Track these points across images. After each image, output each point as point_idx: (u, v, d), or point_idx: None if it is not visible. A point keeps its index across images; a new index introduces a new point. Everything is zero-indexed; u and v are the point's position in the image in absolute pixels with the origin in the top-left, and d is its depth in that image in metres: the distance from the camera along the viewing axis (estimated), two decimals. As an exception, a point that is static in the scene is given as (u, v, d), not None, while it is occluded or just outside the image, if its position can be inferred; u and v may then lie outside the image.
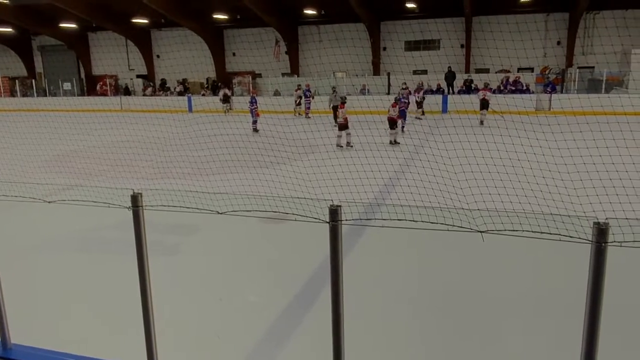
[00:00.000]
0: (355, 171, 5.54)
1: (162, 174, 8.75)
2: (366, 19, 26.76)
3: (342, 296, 2.97)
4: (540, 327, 4.46)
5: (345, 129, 13.84)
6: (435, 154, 5.85)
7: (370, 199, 6.47)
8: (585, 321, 2.53)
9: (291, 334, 4.54)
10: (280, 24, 28.35)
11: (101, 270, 5.91)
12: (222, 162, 7.60)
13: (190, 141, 8.62)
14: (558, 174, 5.59)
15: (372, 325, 4.57)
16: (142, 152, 8.95)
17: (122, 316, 4.71)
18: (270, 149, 7.88)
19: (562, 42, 25.91)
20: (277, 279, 5.57)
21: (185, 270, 5.89)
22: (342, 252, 2.96)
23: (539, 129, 5.45)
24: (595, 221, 2.46)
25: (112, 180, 7.58)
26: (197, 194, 5.23)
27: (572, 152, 5.30)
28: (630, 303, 4.71)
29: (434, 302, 5.02)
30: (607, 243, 2.43)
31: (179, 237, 6.92)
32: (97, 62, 34.94)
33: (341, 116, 13.92)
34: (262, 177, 6.76)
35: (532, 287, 5.25)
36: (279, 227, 7.13)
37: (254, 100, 18.52)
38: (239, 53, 31.29)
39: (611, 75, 22.86)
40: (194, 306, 4.99)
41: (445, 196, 5.36)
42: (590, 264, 2.48)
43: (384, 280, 5.50)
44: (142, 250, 3.38)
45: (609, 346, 2.84)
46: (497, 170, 5.53)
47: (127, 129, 8.46)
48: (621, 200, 4.63)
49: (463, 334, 4.42)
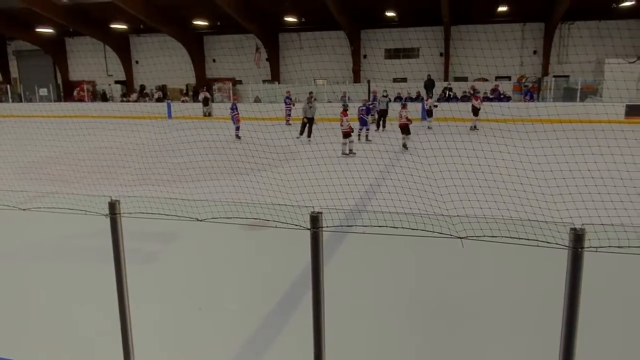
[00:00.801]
0: (337, 178, 5.55)
1: (141, 180, 8.64)
2: (346, 27, 26.92)
3: (324, 303, 2.96)
4: (519, 331, 4.51)
5: (349, 136, 13.77)
6: (416, 161, 5.90)
7: (352, 205, 6.50)
8: (562, 324, 2.57)
9: (272, 341, 4.51)
10: (261, 30, 28.35)
11: (77, 279, 5.79)
12: (202, 168, 7.55)
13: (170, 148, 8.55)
14: (536, 180, 5.67)
15: (353, 331, 4.56)
16: (120, 158, 8.84)
17: (98, 326, 4.62)
18: (251, 155, 7.85)
19: (538, 51, 26.43)
20: (258, 287, 5.53)
21: (164, 279, 5.80)
22: (323, 258, 2.96)
23: (517, 136, 5.53)
24: (572, 227, 2.50)
25: (89, 188, 7.47)
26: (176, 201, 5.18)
27: (549, 159, 5.40)
28: (606, 306, 4.79)
29: (414, 307, 5.03)
30: (583, 248, 2.47)
31: (157, 245, 6.82)
32: (74, 67, 34.44)
33: (345, 124, 13.81)
34: (243, 183, 6.73)
35: (510, 292, 5.30)
36: (259, 234, 7.09)
37: (235, 106, 18.45)
38: (219, 59, 31.18)
39: (586, 83, 23.40)
40: (172, 316, 4.92)
41: (425, 203, 5.40)
42: (567, 268, 2.52)
43: (365, 287, 5.50)
44: (119, 258, 3.33)
45: (586, 348, 2.88)
46: (476, 177, 5.60)
47: (105, 135, 8.36)
48: (597, 206, 4.72)
49: (443, 339, 4.44)
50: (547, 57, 26.00)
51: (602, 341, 4.22)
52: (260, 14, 26.93)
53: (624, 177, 5.64)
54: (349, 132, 13.74)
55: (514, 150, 5.72)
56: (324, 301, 2.97)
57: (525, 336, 4.44)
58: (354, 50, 28.25)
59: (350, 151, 13.64)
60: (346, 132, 13.73)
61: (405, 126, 14.79)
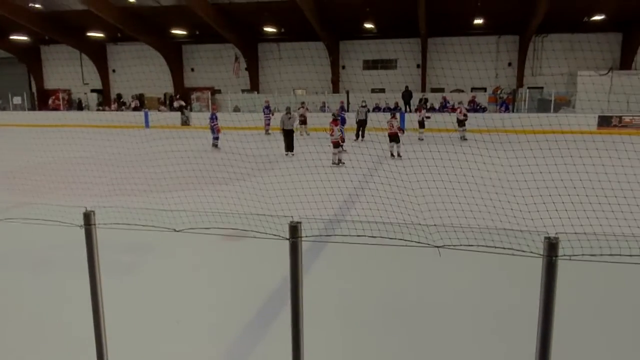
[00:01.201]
0: (316, 187, 5.57)
1: (117, 191, 8.52)
2: (325, 38, 27.12)
3: (302, 312, 2.96)
4: (495, 338, 4.55)
5: (339, 146, 13.85)
6: (394, 171, 5.95)
7: (331, 215, 6.51)
8: (538, 330, 2.61)
9: (251, 352, 4.47)
10: (240, 40, 28.35)
11: (50, 292, 5.66)
12: (180, 178, 7.48)
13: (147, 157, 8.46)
14: (510, 190, 5.77)
15: (332, 340, 4.55)
16: (95, 168, 8.71)
17: (72, 340, 4.51)
18: (230, 165, 7.82)
19: (512, 63, 27.00)
20: (237, 298, 5.48)
21: (140, 291, 5.70)
22: (302, 268, 2.95)
23: (492, 147, 5.63)
24: (546, 236, 2.55)
25: (63, 198, 7.32)
26: (153, 211, 5.12)
27: (524, 169, 5.51)
28: (580, 313, 4.87)
29: (393, 316, 5.04)
30: (557, 257, 2.52)
31: (134, 256, 6.72)
32: (49, 75, 33.89)
33: (336, 134, 13.87)
34: (221, 193, 6.69)
35: (487, 300, 5.36)
36: (238, 244, 7.03)
37: (215, 116, 18.24)
38: (197, 69, 31.06)
39: (559, 95, 23.97)
40: (150, 329, 4.84)
41: (403, 212, 5.45)
42: (542, 276, 2.56)
43: (343, 296, 5.49)
44: (94, 270, 3.28)
45: (561, 354, 2.92)
46: (452, 187, 5.67)
47: (81, 144, 8.23)
48: (570, 215, 4.82)
49: (422, 348, 4.45)
50: (522, 69, 26.58)
51: (576, 347, 4.29)
52: (239, 24, 26.95)
53: (596, 186, 5.78)
54: (338, 142, 13.84)
55: (490, 161, 5.82)
56: (303, 311, 2.96)
57: (501, 343, 4.48)
58: (332, 60, 28.45)
59: (339, 161, 13.74)
60: (336, 142, 13.85)
61: (395, 134, 15.09)
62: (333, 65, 28.53)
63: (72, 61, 32.41)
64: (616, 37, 25.32)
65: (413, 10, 22.44)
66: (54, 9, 26.45)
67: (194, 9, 23.41)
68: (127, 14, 25.93)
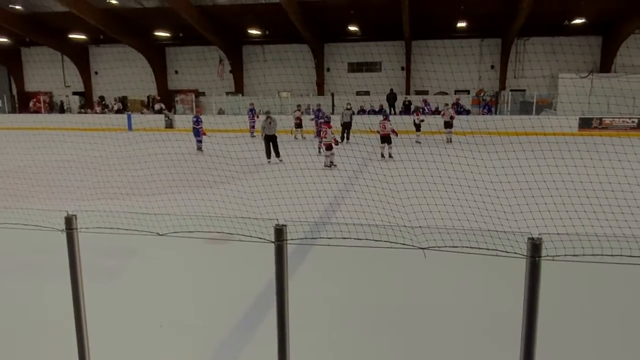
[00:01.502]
0: (301, 190, 5.56)
1: (99, 194, 8.41)
2: (310, 40, 27.15)
3: (288, 315, 2.94)
4: (480, 339, 4.58)
5: (331, 149, 13.89)
6: (379, 173, 5.96)
7: (316, 217, 6.51)
8: (522, 330, 2.63)
9: (237, 356, 4.43)
10: (224, 42, 28.24)
11: (31, 297, 5.56)
12: (164, 181, 7.41)
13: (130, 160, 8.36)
14: (494, 192, 5.82)
15: (319, 343, 4.54)
16: (77, 172, 8.59)
17: (54, 346, 4.43)
18: (214, 167, 7.77)
19: (495, 66, 27.31)
20: (222, 302, 5.43)
21: (123, 295, 5.63)
22: (288, 271, 2.94)
23: (476, 148, 5.67)
24: (530, 237, 2.58)
25: (44, 202, 7.20)
26: (136, 215, 5.06)
27: (507, 170, 5.56)
28: (563, 312, 4.92)
29: (379, 318, 5.05)
30: (540, 257, 2.54)
31: (117, 260, 6.63)
32: (30, 78, 33.38)
33: (329, 137, 13.99)
34: (206, 196, 6.65)
35: (472, 301, 5.39)
36: (223, 247, 6.98)
37: (199, 119, 18.01)
38: (181, 71, 30.86)
39: (541, 97, 24.30)
40: (133, 333, 4.77)
41: (389, 214, 5.46)
42: (525, 277, 2.58)
43: (329, 299, 5.48)
44: (76, 275, 3.22)
45: (545, 354, 2.95)
46: (437, 188, 5.70)
47: (62, 147, 8.11)
48: (553, 216, 4.88)
49: (408, 349, 4.46)
50: (504, 71, 26.91)
51: (560, 346, 4.33)
52: (223, 26, 26.86)
53: (578, 187, 5.85)
54: (331, 144, 13.93)
55: (474, 162, 5.86)
56: (289, 314, 2.95)
57: (490, 344, 4.51)
58: (317, 63, 28.49)
59: (331, 163, 13.81)
60: (328, 144, 13.93)
61: (387, 136, 15.25)
62: (318, 67, 28.57)
63: (53, 63, 31.98)
64: (596, 40, 25.76)
65: (397, 13, 22.58)
66: (34, 10, 26.09)
67: (177, 11, 23.28)
68: (109, 15, 25.68)
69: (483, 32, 26.14)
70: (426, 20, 23.92)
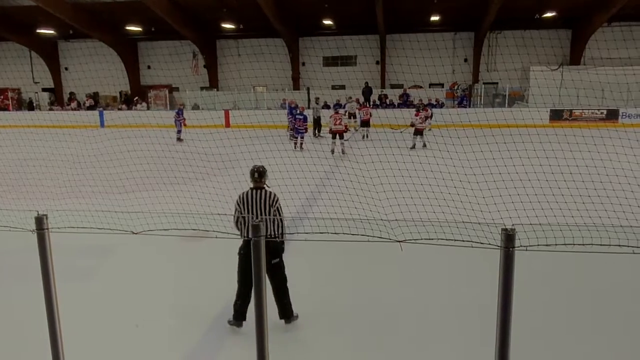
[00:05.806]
0: (277, 186, 5.52)
1: (71, 193, 8.23)
2: (285, 34, 26.99)
3: (266, 313, 2.94)
4: (456, 330, 4.65)
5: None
6: (354, 167, 5.98)
7: (293, 213, 6.48)
8: (497, 320, 2.68)
9: (215, 356, 4.41)
10: (198, 37, 27.86)
11: (2, 300, 5.43)
12: (137, 179, 7.30)
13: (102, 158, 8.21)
14: (469, 184, 5.89)
15: (296, 338, 4.54)
16: (48, 170, 8.39)
17: (27, 351, 4.33)
18: (189, 164, 7.68)
19: (468, 59, 27.61)
20: (198, 300, 5.38)
21: (97, 296, 5.52)
22: (265, 268, 2.93)
23: (450, 141, 5.73)
24: (503, 228, 2.62)
25: (14, 202, 7.02)
26: (109, 213, 4.98)
27: (480, 162, 5.64)
28: (537, 302, 5.03)
29: (356, 312, 5.07)
30: (514, 248, 2.59)
31: (90, 260, 6.51)
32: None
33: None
34: (180, 193, 6.57)
35: (448, 292, 5.47)
36: (199, 245, 6.91)
37: (180, 111, 19.27)
38: (154, 66, 30.34)
39: (513, 90, 24.66)
40: (108, 334, 4.70)
41: (365, 208, 5.48)
42: (500, 267, 2.63)
43: (307, 294, 5.48)
44: (48, 276, 3.15)
45: (520, 344, 3.00)
46: (412, 181, 5.75)
47: (31, 145, 7.91)
48: (525, 207, 4.97)
49: (386, 342, 4.50)
50: (477, 65, 27.23)
51: (534, 336, 4.42)
52: (196, 20, 26.49)
53: (550, 178, 5.97)
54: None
55: (448, 155, 5.92)
56: (267, 311, 2.94)
57: (462, 335, 4.58)
58: (292, 57, 28.36)
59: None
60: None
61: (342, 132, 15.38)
62: (293, 61, 28.44)
63: (21, 59, 31.03)
64: (566, 33, 26.26)
65: (371, 7, 22.61)
66: (0, 5, 25.30)
67: (149, 4, 22.83)
68: (79, 9, 25.03)
69: (456, 26, 26.37)
70: (400, 14, 24.00)
